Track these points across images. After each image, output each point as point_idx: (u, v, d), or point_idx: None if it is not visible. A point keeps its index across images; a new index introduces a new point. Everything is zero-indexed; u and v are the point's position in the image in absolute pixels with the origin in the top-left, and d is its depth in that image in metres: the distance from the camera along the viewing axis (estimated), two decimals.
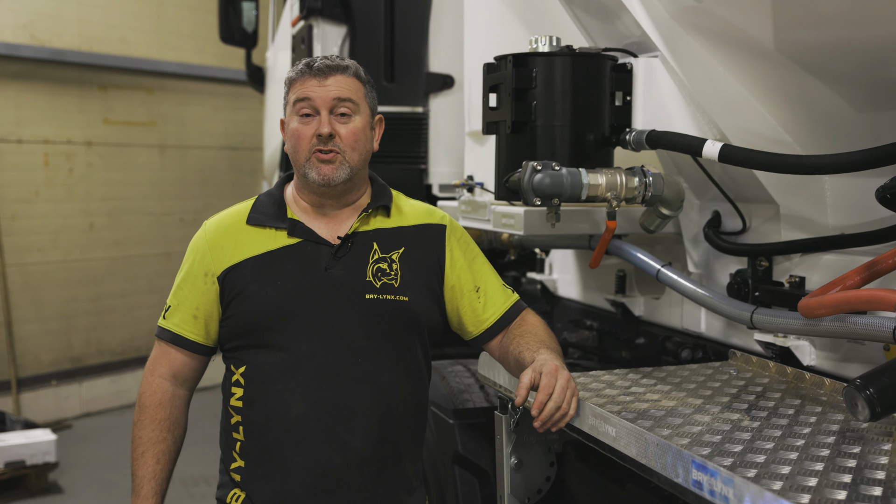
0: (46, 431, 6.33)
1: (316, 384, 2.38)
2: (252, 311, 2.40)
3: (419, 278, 2.49)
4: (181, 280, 2.50)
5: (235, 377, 2.45)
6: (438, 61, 5.16)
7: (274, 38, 6.71)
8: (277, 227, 2.45)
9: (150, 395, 2.48)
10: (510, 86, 2.80)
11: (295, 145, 2.42)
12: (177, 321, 2.48)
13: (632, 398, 2.32)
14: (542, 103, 2.81)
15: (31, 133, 8.04)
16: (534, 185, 2.66)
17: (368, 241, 2.47)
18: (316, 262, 2.42)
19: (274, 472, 2.40)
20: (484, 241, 4.21)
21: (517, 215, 3.26)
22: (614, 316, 3.78)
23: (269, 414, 2.40)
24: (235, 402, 2.45)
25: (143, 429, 2.46)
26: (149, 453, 2.45)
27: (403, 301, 2.44)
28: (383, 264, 2.45)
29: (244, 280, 2.41)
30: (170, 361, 2.50)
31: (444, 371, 3.33)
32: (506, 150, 2.91)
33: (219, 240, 2.46)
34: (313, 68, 2.41)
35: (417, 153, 5.14)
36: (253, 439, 2.43)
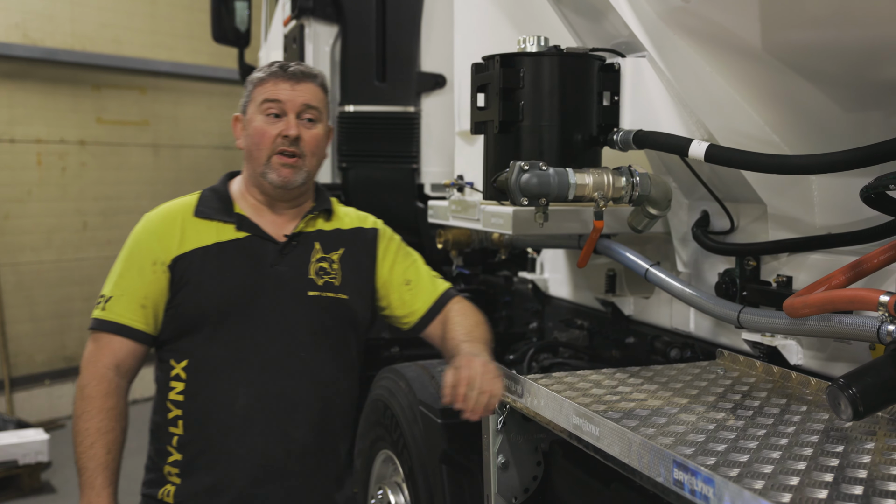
0: (39, 431, 6.33)
1: (261, 377, 2.48)
2: (200, 302, 2.47)
3: (357, 279, 2.66)
4: (122, 270, 2.51)
5: (175, 371, 2.50)
6: (430, 61, 5.17)
7: (267, 37, 6.70)
8: (225, 221, 2.53)
9: (95, 385, 2.45)
10: (497, 86, 2.79)
11: (258, 143, 2.50)
12: (121, 311, 2.47)
13: (618, 397, 2.32)
14: (530, 103, 2.80)
15: (23, 132, 8.03)
16: (521, 185, 2.66)
17: (311, 242, 2.61)
18: (262, 257, 2.52)
19: (216, 462, 2.48)
20: (474, 240, 4.21)
21: (506, 215, 3.26)
22: (604, 315, 3.77)
23: (214, 406, 2.47)
24: (175, 397, 2.50)
25: (90, 419, 2.42)
26: (98, 444, 2.41)
27: (343, 299, 2.59)
28: (325, 263, 2.59)
29: (193, 270, 2.48)
30: (113, 352, 2.47)
31: (433, 370, 3.33)
32: (493, 149, 2.91)
33: (165, 229, 2.50)
34: (287, 72, 2.52)
35: (409, 153, 5.14)
36: (194, 432, 2.49)
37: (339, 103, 5.17)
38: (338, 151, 5.15)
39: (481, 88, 2.94)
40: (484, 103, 2.93)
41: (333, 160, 5.19)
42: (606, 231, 3.18)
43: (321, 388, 2.56)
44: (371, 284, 2.72)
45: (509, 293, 4.85)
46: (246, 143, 2.55)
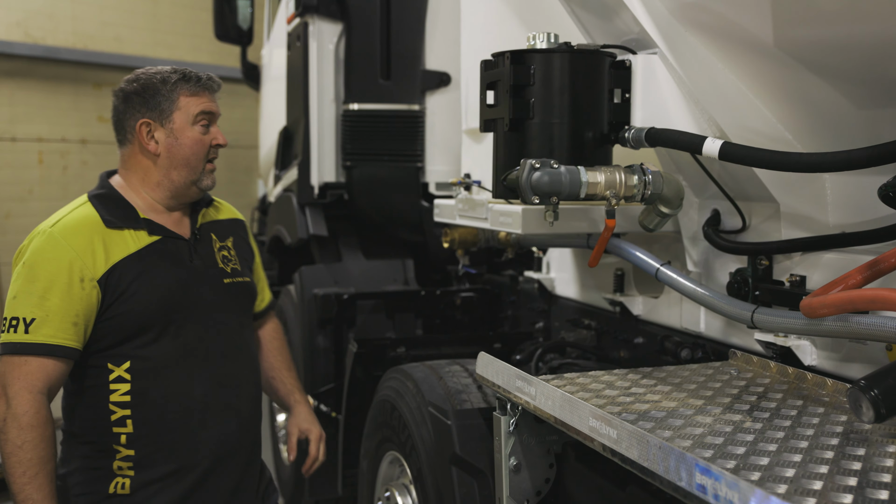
0: None
1: (210, 363, 2.66)
2: (140, 309, 2.53)
3: (246, 263, 2.91)
4: (43, 290, 2.45)
5: (116, 374, 2.53)
6: (435, 58, 5.13)
7: (269, 35, 6.67)
8: (135, 228, 2.59)
9: (34, 413, 2.40)
10: (508, 83, 2.76)
11: (197, 152, 2.63)
12: (51, 332, 2.43)
13: (632, 399, 2.29)
14: (540, 100, 2.77)
15: (25, 131, 8.05)
16: (532, 184, 2.63)
17: (207, 234, 2.79)
18: (178, 256, 2.65)
19: (177, 449, 2.59)
20: (481, 239, 4.18)
21: (515, 214, 3.23)
22: (613, 315, 3.74)
23: (170, 398, 2.58)
24: (120, 398, 2.53)
25: (32, 449, 2.38)
26: (42, 473, 2.40)
27: (247, 281, 2.86)
28: (225, 252, 2.80)
29: (125, 279, 2.52)
30: (46, 375, 2.44)
31: (441, 371, 3.29)
32: (503, 147, 2.88)
33: (83, 245, 2.49)
34: (203, 81, 2.69)
35: (414, 151, 5.11)
36: (148, 426, 2.55)
37: (343, 101, 5.13)
38: (342, 150, 5.13)
39: (490, 85, 2.91)
40: (493, 101, 2.90)
41: (337, 159, 5.16)
42: (617, 230, 3.15)
43: (251, 361, 2.84)
44: (251, 269, 2.98)
45: (515, 292, 4.82)
46: (180, 152, 2.63)
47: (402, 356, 3.92)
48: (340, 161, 5.16)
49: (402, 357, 3.92)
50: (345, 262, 5.22)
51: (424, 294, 4.93)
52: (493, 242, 4.18)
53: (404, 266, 5.24)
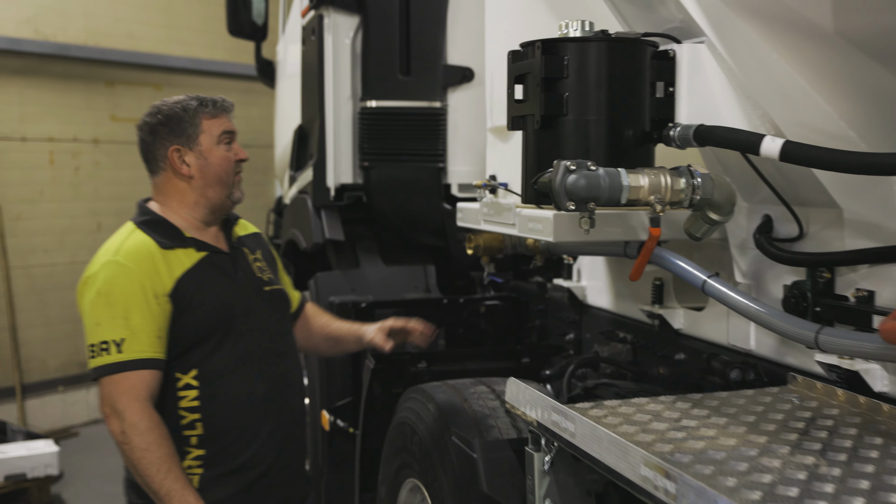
0: (49, 443, 6.08)
1: (267, 365, 2.90)
2: (205, 317, 2.79)
3: (274, 272, 3.16)
4: (125, 312, 2.66)
5: (184, 381, 2.78)
6: (457, 53, 4.89)
7: (284, 30, 6.44)
8: (184, 247, 2.83)
9: (147, 418, 2.63)
10: (539, 75, 2.50)
11: (227, 169, 2.88)
12: (141, 347, 2.66)
13: (684, 434, 2.01)
14: (575, 95, 2.51)
15: (35, 130, 7.84)
16: (567, 188, 2.36)
17: (241, 248, 3.04)
18: (225, 268, 2.90)
19: (245, 446, 2.82)
20: (508, 245, 3.92)
21: (546, 220, 2.96)
22: (650, 328, 3.48)
23: (236, 399, 2.82)
24: (189, 403, 2.77)
25: (157, 449, 2.61)
26: (174, 467, 2.63)
27: (280, 289, 3.11)
28: (258, 263, 3.06)
29: (189, 292, 2.77)
30: (147, 385, 2.67)
31: (466, 392, 3.02)
32: (534, 147, 2.62)
33: (148, 266, 2.72)
34: (219, 104, 2.91)
35: (435, 151, 4.86)
36: (218, 427, 2.79)
37: (360, 98, 4.88)
38: (359, 150, 4.89)
39: (519, 79, 2.65)
40: (522, 95, 2.65)
41: (355, 159, 4.93)
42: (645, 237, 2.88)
43: (297, 360, 3.10)
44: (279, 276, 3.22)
45: (543, 301, 4.55)
46: (211, 170, 2.87)
47: (423, 372, 3.66)
48: (358, 161, 4.93)
49: (423, 373, 3.65)
50: (363, 269, 4.98)
51: (447, 302, 4.67)
52: (521, 249, 3.93)
53: (425, 272, 4.99)
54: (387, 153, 4.85)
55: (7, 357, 7.63)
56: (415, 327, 3.33)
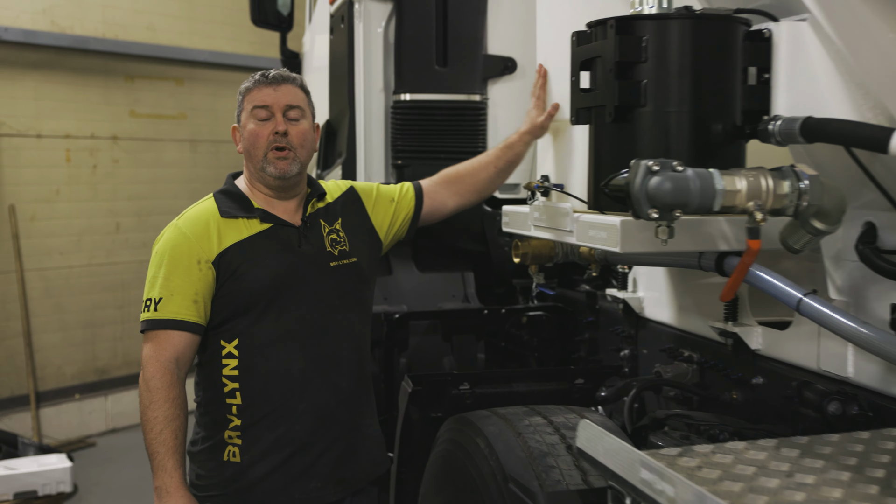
0: (62, 457, 5.77)
1: (311, 342, 2.89)
2: (248, 287, 2.82)
3: (358, 239, 3.08)
4: (167, 273, 2.78)
5: (227, 350, 2.84)
6: (498, 42, 4.53)
7: (311, 20, 6.11)
8: (249, 217, 2.89)
9: (160, 377, 2.71)
10: (612, 60, 2.15)
11: (254, 143, 2.88)
12: (175, 308, 2.75)
13: (803, 496, 1.63)
14: (654, 82, 2.15)
15: (51, 127, 7.58)
16: (649, 192, 2.00)
17: (317, 220, 3.02)
18: (288, 241, 2.92)
19: (279, 421, 2.85)
20: (558, 253, 3.56)
21: (611, 227, 2.58)
22: (721, 347, 3.11)
23: (273, 373, 2.84)
24: (230, 372, 2.84)
25: (157, 409, 2.69)
26: (167, 430, 2.68)
27: (354, 262, 3.03)
28: (334, 235, 3.02)
29: (236, 262, 2.81)
30: (173, 346, 2.74)
31: (519, 425, 2.65)
32: (604, 144, 2.27)
33: (200, 232, 2.82)
34: (269, 78, 2.93)
35: (475, 147, 4.49)
36: (253, 398, 2.84)
37: (393, 91, 4.53)
38: (392, 146, 4.55)
39: (585, 64, 2.29)
40: (590, 84, 2.28)
41: (387, 156, 4.58)
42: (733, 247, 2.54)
43: (354, 340, 3.00)
44: (371, 235, 3.16)
45: (593, 312, 4.18)
46: (244, 146, 2.92)
47: (466, 395, 3.29)
48: (390, 159, 4.58)
49: (466, 396, 3.28)
50: (395, 276, 4.62)
51: (488, 313, 4.30)
52: (573, 257, 3.57)
53: (464, 280, 4.62)
54: (422, 150, 4.50)
55: (21, 364, 7.37)
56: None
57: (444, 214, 3.36)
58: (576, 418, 2.75)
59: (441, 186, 3.33)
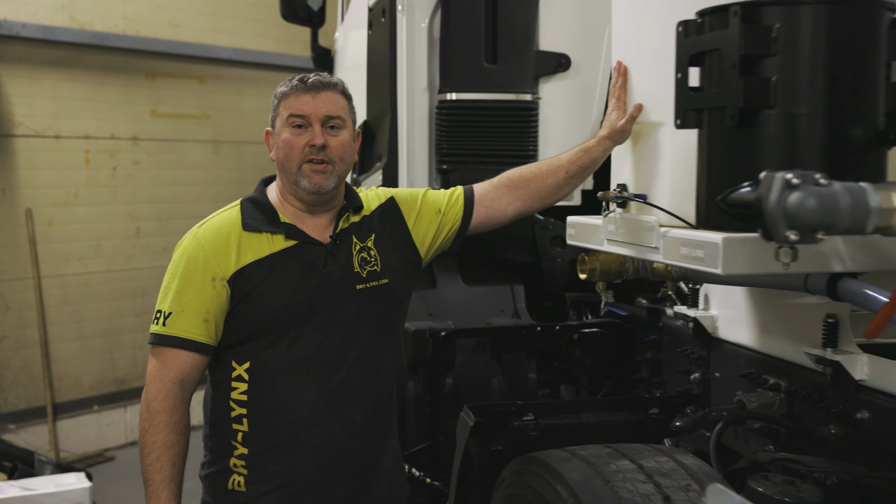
0: (80, 477, 5.48)
1: (325, 372, 2.69)
2: (262, 311, 2.64)
3: (392, 257, 2.85)
4: (180, 286, 2.64)
5: (237, 372, 2.68)
6: (550, 37, 4.22)
7: (344, 16, 5.85)
8: (273, 232, 2.70)
9: (162, 399, 2.59)
10: (735, 53, 1.81)
11: (288, 154, 2.68)
12: (184, 326, 2.61)
13: None
14: (785, 79, 1.82)
15: (70, 127, 7.31)
16: (788, 210, 1.69)
17: (349, 236, 2.80)
18: (314, 261, 2.71)
19: (286, 454, 2.68)
20: (629, 268, 3.25)
21: (710, 245, 2.27)
22: (817, 376, 2.80)
23: (281, 403, 2.67)
24: (238, 396, 2.68)
25: (156, 433, 2.58)
26: (164, 457, 2.57)
27: (385, 284, 2.81)
28: (364, 253, 2.80)
29: (253, 282, 2.64)
30: (179, 366, 2.61)
31: (606, 470, 2.33)
32: (723, 152, 1.92)
33: (219, 246, 2.65)
34: (307, 83, 2.70)
35: (525, 151, 4.20)
36: (261, 427, 2.68)
37: (438, 90, 4.23)
38: (437, 150, 4.26)
39: (695, 59, 1.96)
40: (701, 82, 1.96)
41: (430, 160, 4.29)
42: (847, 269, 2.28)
43: (374, 371, 2.79)
44: (409, 251, 2.92)
45: (655, 330, 3.86)
46: (277, 155, 2.73)
47: (529, 427, 2.97)
48: (435, 163, 4.29)
49: (530, 429, 2.97)
50: (440, 289, 4.33)
51: (541, 330, 3.99)
52: (645, 273, 3.27)
53: (513, 293, 4.32)
54: (469, 154, 4.20)
55: (38, 374, 7.10)
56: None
57: (503, 221, 3.06)
58: (668, 462, 2.44)
59: (501, 191, 3.03)
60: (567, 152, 3.00)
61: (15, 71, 7.02)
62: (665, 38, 2.53)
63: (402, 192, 3.02)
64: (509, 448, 3.02)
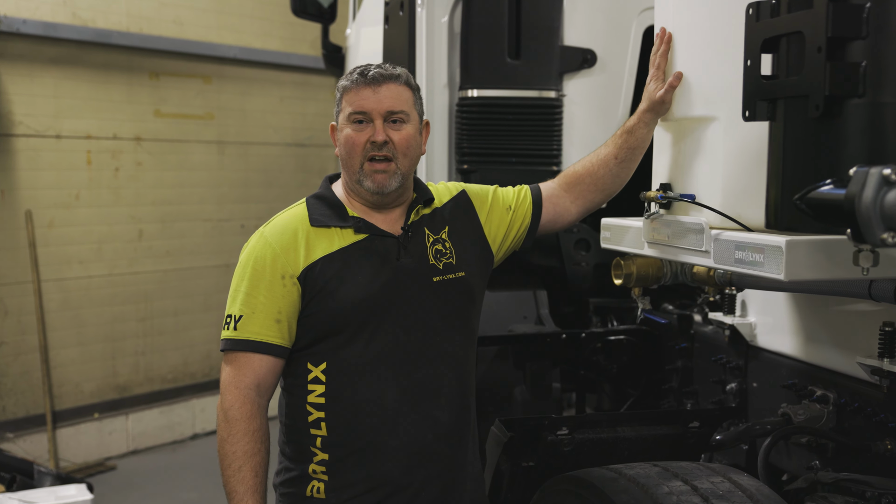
0: (81, 488, 5.29)
1: (405, 369, 2.59)
2: (336, 307, 2.55)
3: (466, 251, 2.75)
4: (250, 287, 2.57)
5: (314, 374, 2.58)
6: (576, 32, 4.06)
7: (356, 13, 5.69)
8: (342, 227, 2.62)
9: (239, 406, 2.53)
10: (822, 35, 1.64)
11: (350, 151, 2.61)
12: (256, 329, 2.54)
13: None
14: (878, 66, 1.64)
15: (71, 127, 7.10)
16: (886, 209, 1.51)
17: (421, 229, 2.71)
18: (386, 254, 2.62)
19: (369, 457, 2.56)
20: (667, 273, 3.07)
21: (772, 248, 2.11)
22: (870, 387, 2.67)
23: (361, 404, 2.56)
24: (316, 399, 2.57)
25: (236, 442, 2.50)
26: (246, 467, 2.50)
27: (462, 277, 2.71)
28: (439, 245, 2.71)
29: (324, 278, 2.55)
30: (254, 371, 2.55)
31: (657, 493, 2.15)
32: (801, 146, 1.76)
33: (287, 243, 2.58)
34: (368, 77, 2.60)
35: (549, 150, 4.05)
36: (340, 431, 2.57)
37: (459, 87, 4.08)
38: (457, 149, 4.12)
39: (769, 45, 1.79)
40: (774, 69, 1.78)
41: (451, 160, 4.14)
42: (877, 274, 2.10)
43: (457, 367, 2.68)
44: (483, 246, 2.82)
45: (687, 337, 3.69)
46: (340, 152, 2.67)
47: (564, 441, 2.81)
48: (455, 164, 4.13)
49: (565, 444, 2.81)
50: None
51: (566, 337, 3.83)
52: (684, 278, 3.10)
53: (536, 299, 4.14)
54: (491, 153, 4.05)
55: (37, 381, 6.88)
56: None
57: (569, 222, 2.97)
58: (723, 483, 2.27)
59: (562, 190, 2.93)
60: (610, 139, 2.89)
61: (15, 69, 6.83)
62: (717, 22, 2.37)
63: (473, 186, 2.93)
64: (541, 464, 2.86)
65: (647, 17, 3.96)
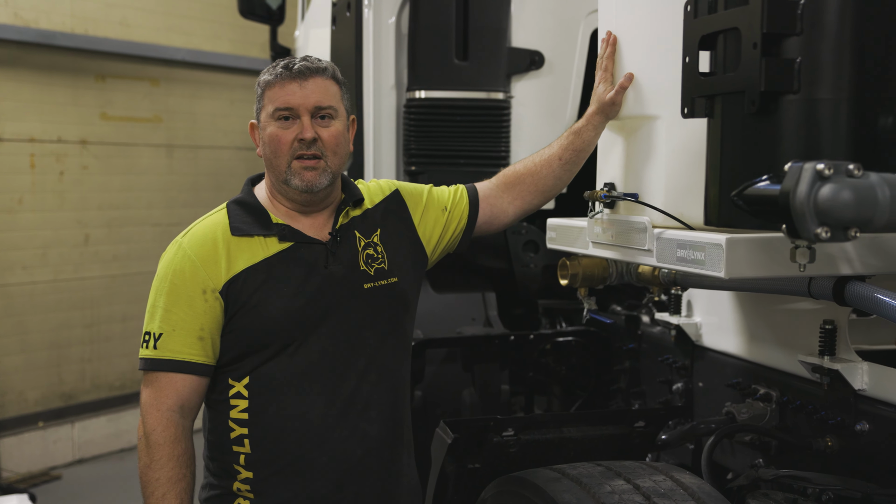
0: (23, 498, 5.22)
1: (333, 382, 2.49)
2: (261, 322, 2.45)
3: (399, 254, 2.66)
4: (168, 303, 2.45)
5: (236, 390, 2.49)
6: (524, 33, 4.14)
7: (304, 14, 5.71)
8: (265, 235, 2.51)
9: (162, 430, 2.40)
10: (758, 31, 1.66)
11: (275, 150, 2.49)
12: (178, 347, 2.43)
13: None
14: (810, 61, 1.66)
15: (14, 130, 7.04)
16: (820, 204, 1.53)
17: (351, 232, 2.60)
18: (313, 262, 2.51)
19: (296, 475, 2.48)
20: (612, 273, 3.10)
21: (712, 246, 2.14)
22: (811, 385, 2.68)
23: (287, 420, 2.47)
24: (238, 415, 2.48)
25: (160, 469, 2.39)
26: (170, 494, 2.39)
27: (394, 282, 2.61)
28: (370, 250, 2.60)
29: (247, 291, 2.45)
30: (177, 391, 2.43)
31: (600, 492, 2.13)
32: (738, 142, 1.78)
33: (207, 255, 2.46)
34: (293, 70, 2.49)
35: (497, 151, 4.10)
36: (265, 448, 2.48)
37: (406, 88, 4.08)
38: (405, 151, 4.13)
39: (707, 42, 1.80)
40: (712, 66, 1.80)
41: (398, 162, 4.15)
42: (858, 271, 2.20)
43: (388, 378, 2.60)
44: (416, 249, 2.73)
45: (633, 338, 3.72)
46: (264, 151, 2.53)
47: (510, 443, 2.81)
48: (402, 165, 4.16)
49: (510, 444, 2.80)
50: None
51: (514, 339, 3.85)
52: (629, 278, 3.12)
53: (485, 301, 4.17)
54: (438, 155, 4.09)
55: None
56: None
57: (505, 224, 2.87)
58: (665, 481, 2.29)
59: (500, 190, 2.84)
60: (557, 139, 2.79)
61: None
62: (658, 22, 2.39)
63: (407, 185, 2.83)
64: (487, 466, 2.86)
65: (594, 20, 4.01)
